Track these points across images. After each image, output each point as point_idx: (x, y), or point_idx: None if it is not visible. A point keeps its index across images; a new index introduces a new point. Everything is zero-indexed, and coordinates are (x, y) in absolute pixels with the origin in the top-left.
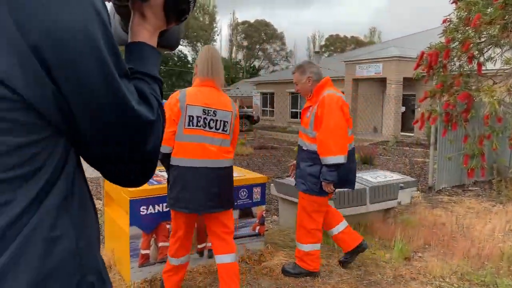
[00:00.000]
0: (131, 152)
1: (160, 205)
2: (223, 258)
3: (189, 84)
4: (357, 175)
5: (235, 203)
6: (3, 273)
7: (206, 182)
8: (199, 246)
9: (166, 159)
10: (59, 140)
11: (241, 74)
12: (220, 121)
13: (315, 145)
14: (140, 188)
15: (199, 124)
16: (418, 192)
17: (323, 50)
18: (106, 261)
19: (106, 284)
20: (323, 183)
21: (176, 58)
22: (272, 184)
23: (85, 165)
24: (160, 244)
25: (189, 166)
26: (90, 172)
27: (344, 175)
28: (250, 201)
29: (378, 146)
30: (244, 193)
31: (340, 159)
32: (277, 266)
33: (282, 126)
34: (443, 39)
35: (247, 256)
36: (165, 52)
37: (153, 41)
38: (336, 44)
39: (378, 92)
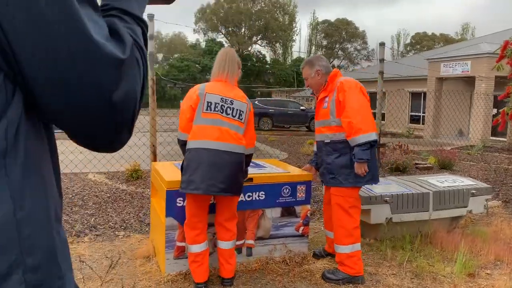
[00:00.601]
0: (93, 99)
1: None
2: (222, 244)
3: (266, 83)
4: (421, 178)
5: (277, 200)
6: None
7: (220, 163)
8: (238, 243)
9: (183, 147)
10: None
11: None
12: (237, 109)
13: (340, 133)
14: (179, 179)
15: (216, 109)
16: (499, 201)
17: (408, 48)
18: (147, 251)
19: (62, 270)
20: (356, 164)
21: (254, 59)
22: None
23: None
24: None
25: (204, 148)
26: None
27: (369, 168)
28: (293, 199)
29: (462, 151)
30: (287, 190)
31: (372, 135)
32: (319, 271)
33: None
34: None
35: (288, 257)
36: (245, 52)
37: None
38: (422, 43)
39: (465, 92)
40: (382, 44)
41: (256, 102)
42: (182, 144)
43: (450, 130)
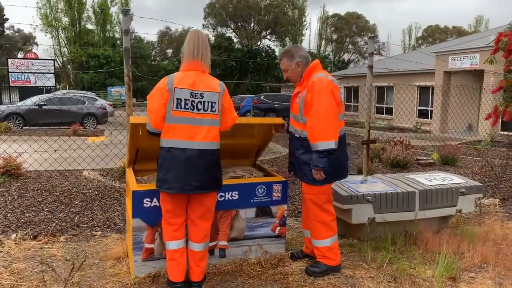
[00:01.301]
0: None
1: None
2: (193, 246)
3: (276, 78)
4: (408, 176)
5: (251, 200)
6: None
7: (193, 162)
8: (210, 244)
9: (155, 134)
10: None
11: (329, 68)
12: (208, 102)
13: (306, 131)
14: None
15: (187, 107)
16: (496, 199)
17: (419, 42)
18: (119, 252)
19: None
20: (313, 170)
21: (263, 54)
22: None
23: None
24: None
25: (176, 147)
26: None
27: (337, 165)
28: (268, 199)
29: (470, 146)
30: (262, 190)
31: (331, 144)
32: (294, 273)
33: None
34: None
35: (264, 259)
36: (254, 47)
37: None
38: (434, 36)
39: (473, 86)
40: (371, 38)
41: (262, 97)
42: (153, 133)
43: (459, 124)
